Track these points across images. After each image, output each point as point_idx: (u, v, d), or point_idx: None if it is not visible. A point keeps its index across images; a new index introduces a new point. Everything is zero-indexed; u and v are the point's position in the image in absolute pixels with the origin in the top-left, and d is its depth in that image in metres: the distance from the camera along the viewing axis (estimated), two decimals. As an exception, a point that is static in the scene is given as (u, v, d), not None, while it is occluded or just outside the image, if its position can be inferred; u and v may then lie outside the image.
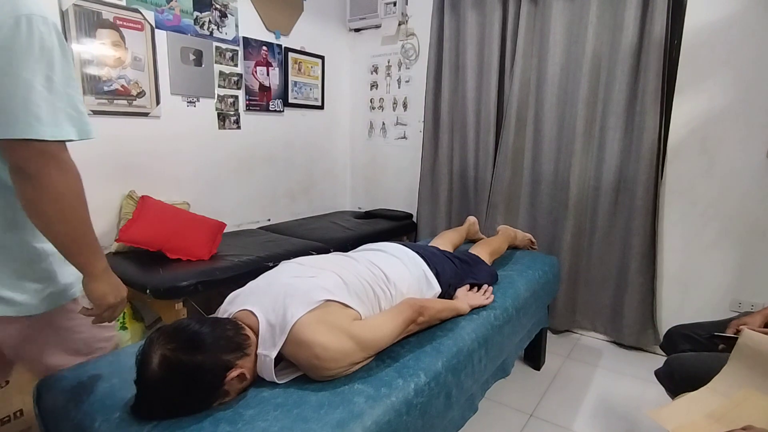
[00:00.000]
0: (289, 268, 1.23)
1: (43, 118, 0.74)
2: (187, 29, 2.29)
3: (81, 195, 0.85)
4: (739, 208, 2.00)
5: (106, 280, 0.89)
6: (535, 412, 1.78)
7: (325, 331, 0.97)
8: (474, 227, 2.15)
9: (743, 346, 1.13)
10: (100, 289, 0.89)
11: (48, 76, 0.75)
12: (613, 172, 2.23)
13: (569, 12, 2.27)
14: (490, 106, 2.55)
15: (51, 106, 0.75)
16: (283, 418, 0.87)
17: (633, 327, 2.25)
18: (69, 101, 0.79)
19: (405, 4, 2.94)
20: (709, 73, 1.99)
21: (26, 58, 0.72)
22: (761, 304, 1.93)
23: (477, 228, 2.17)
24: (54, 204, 0.79)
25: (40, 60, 0.74)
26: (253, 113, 2.70)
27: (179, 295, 1.77)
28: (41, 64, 0.74)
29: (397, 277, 1.31)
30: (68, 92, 0.78)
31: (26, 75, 0.72)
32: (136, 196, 2.14)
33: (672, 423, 1.03)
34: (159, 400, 0.86)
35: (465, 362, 1.20)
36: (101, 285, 0.88)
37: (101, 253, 0.88)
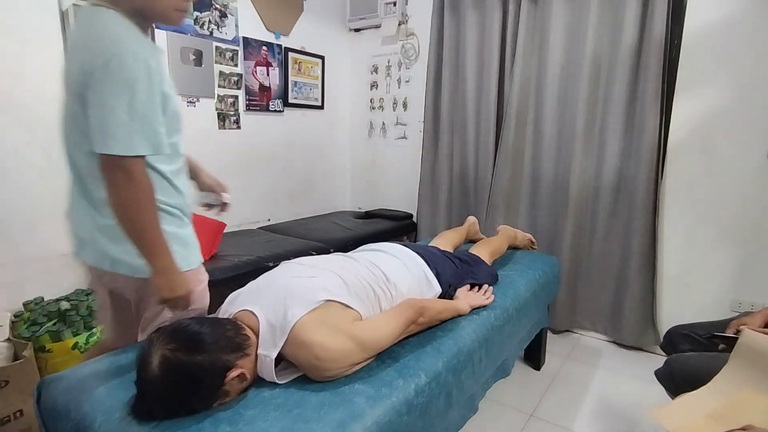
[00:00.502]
0: (289, 269, 1.23)
1: (119, 137, 0.91)
2: (186, 29, 2.29)
3: (145, 204, 0.97)
4: (739, 208, 2.00)
5: (165, 276, 1.01)
6: (535, 413, 1.78)
7: (325, 332, 0.97)
8: (474, 227, 2.15)
9: (743, 346, 1.13)
10: (156, 282, 1.01)
11: (129, 103, 0.91)
12: (613, 172, 2.23)
13: (569, 12, 2.27)
14: (490, 106, 2.55)
15: (127, 128, 0.92)
16: (283, 418, 0.87)
17: (633, 327, 2.25)
18: (146, 123, 0.95)
19: (405, 4, 2.94)
20: (709, 73, 1.99)
21: (112, 89, 0.90)
22: (761, 304, 1.93)
23: (477, 228, 2.18)
24: (121, 208, 0.96)
25: (124, 91, 0.91)
26: (253, 113, 2.70)
27: (179, 295, 1.77)
28: (125, 95, 0.91)
29: (398, 277, 1.31)
30: (147, 115, 0.94)
31: (111, 103, 0.90)
32: (136, 196, 2.13)
33: (672, 423, 1.03)
34: (159, 401, 0.86)
35: (465, 362, 1.20)
36: (158, 279, 1.00)
37: (162, 253, 1.00)
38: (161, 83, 1.00)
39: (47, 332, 1.65)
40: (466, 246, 1.98)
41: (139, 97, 0.92)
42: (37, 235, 1.87)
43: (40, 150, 1.84)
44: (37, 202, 1.85)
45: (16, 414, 1.49)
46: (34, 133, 1.82)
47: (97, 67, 0.90)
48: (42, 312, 1.74)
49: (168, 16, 1.05)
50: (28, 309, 1.78)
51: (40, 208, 1.87)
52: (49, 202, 1.89)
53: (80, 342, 1.67)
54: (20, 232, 1.82)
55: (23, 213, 1.82)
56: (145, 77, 0.93)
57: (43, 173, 1.86)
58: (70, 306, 1.78)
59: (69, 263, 1.98)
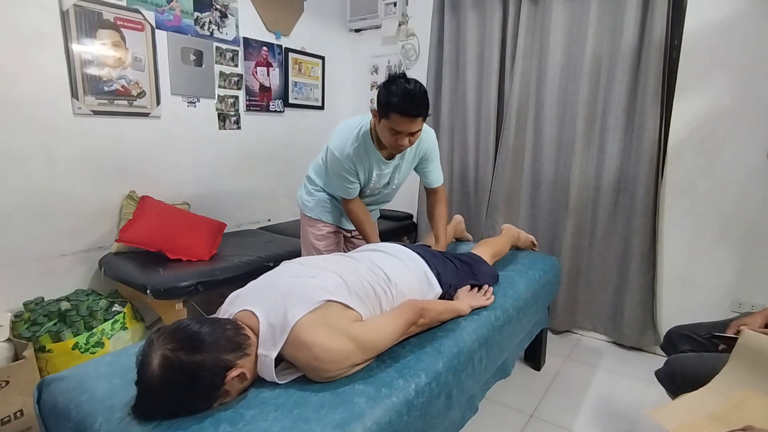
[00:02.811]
0: (289, 269, 1.23)
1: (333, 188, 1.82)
2: (187, 29, 2.29)
3: (354, 218, 1.79)
4: (740, 209, 2.00)
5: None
6: (535, 413, 1.78)
7: (325, 333, 0.97)
8: (460, 226, 2.18)
9: (743, 346, 1.13)
10: None
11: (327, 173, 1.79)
12: (614, 172, 2.23)
13: (569, 12, 2.27)
14: (491, 106, 2.55)
15: (329, 184, 1.83)
16: (283, 418, 0.87)
17: (633, 327, 2.25)
18: (339, 185, 1.73)
19: (405, 5, 2.94)
20: (709, 73, 1.99)
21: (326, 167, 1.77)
22: (761, 305, 1.93)
23: (463, 227, 2.22)
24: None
25: (327, 167, 1.77)
26: (253, 113, 2.70)
27: (179, 295, 1.77)
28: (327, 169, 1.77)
29: (398, 277, 1.31)
30: (332, 181, 1.77)
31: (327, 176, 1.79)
32: (136, 197, 2.14)
33: (672, 423, 1.02)
34: (160, 400, 0.86)
35: (465, 363, 1.20)
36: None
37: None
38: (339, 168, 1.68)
39: (47, 332, 1.65)
40: (467, 246, 1.98)
41: (329, 173, 1.78)
42: (37, 235, 1.87)
43: (40, 150, 1.84)
44: (38, 203, 1.85)
45: (17, 414, 1.49)
46: (34, 133, 1.82)
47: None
48: (42, 312, 1.74)
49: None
50: (28, 309, 1.78)
51: (41, 208, 1.87)
52: (50, 203, 1.89)
53: (80, 342, 1.67)
54: (20, 232, 1.82)
55: (23, 213, 1.82)
56: (330, 165, 1.72)
57: (44, 173, 1.86)
58: (70, 306, 1.78)
59: (69, 263, 1.99)
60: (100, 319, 1.77)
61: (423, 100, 1.44)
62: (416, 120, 1.45)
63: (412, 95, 1.41)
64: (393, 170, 1.77)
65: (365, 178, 1.73)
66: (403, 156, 1.72)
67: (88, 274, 2.06)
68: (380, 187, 1.80)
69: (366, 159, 1.66)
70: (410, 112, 1.42)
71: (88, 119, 1.97)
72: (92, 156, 2.01)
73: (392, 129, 1.47)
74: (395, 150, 1.58)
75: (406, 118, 1.43)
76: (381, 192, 1.85)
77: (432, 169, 1.81)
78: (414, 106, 1.42)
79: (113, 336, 1.76)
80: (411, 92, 1.41)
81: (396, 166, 1.75)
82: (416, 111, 1.43)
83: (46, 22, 1.81)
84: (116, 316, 1.80)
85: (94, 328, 1.72)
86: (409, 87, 1.42)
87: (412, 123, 1.45)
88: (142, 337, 1.89)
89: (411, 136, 1.50)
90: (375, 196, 1.88)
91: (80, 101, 1.93)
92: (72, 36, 1.87)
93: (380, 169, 1.72)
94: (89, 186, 2.01)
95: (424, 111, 1.46)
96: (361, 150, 1.64)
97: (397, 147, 1.54)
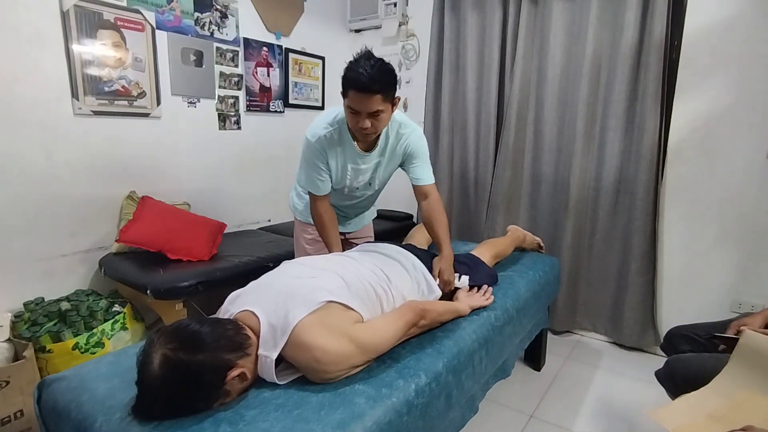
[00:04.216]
0: (290, 269, 1.23)
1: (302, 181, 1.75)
2: (187, 30, 2.30)
3: (318, 220, 1.63)
4: (740, 209, 2.00)
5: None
6: (535, 413, 1.78)
7: (325, 334, 0.97)
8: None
9: (744, 346, 1.13)
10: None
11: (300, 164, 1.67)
12: (614, 172, 2.23)
13: (569, 13, 2.27)
14: (491, 106, 2.55)
15: (301, 177, 1.74)
16: (283, 418, 0.87)
17: (633, 328, 2.25)
18: (308, 176, 1.59)
19: (405, 5, 2.94)
20: (709, 73, 1.99)
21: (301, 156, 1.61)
22: (761, 305, 1.93)
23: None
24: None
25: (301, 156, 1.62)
26: (253, 114, 2.70)
27: (179, 295, 1.78)
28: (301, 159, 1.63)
29: (398, 279, 1.31)
30: (303, 173, 1.65)
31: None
32: (136, 197, 2.14)
33: (672, 423, 1.02)
34: (160, 400, 0.86)
35: (466, 363, 1.20)
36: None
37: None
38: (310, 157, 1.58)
39: (47, 332, 1.65)
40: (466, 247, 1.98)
41: (301, 163, 1.69)
42: (37, 236, 1.87)
43: (41, 150, 1.84)
44: (38, 203, 1.85)
45: (17, 414, 1.49)
46: (35, 134, 1.82)
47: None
48: (42, 312, 1.74)
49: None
50: (28, 309, 1.78)
51: (41, 208, 1.87)
52: (50, 203, 1.89)
53: (81, 342, 1.67)
54: (20, 233, 1.82)
55: (23, 213, 1.82)
56: (303, 153, 1.60)
57: (44, 174, 1.86)
58: (71, 306, 1.78)
59: (69, 263, 1.99)
60: (101, 319, 1.77)
61: (383, 76, 1.32)
62: (374, 97, 1.31)
63: (370, 70, 1.30)
64: (374, 168, 1.63)
65: (339, 174, 1.59)
66: (383, 152, 1.59)
67: (88, 275, 2.06)
68: (359, 186, 1.66)
69: (340, 148, 1.54)
70: (367, 87, 1.30)
71: (89, 119, 1.97)
72: (92, 156, 2.01)
73: (350, 108, 1.36)
74: (360, 136, 1.46)
75: (362, 95, 1.31)
76: (362, 194, 1.71)
77: (418, 164, 1.63)
78: (371, 81, 1.29)
79: (113, 336, 1.76)
80: (369, 67, 1.30)
81: (377, 163, 1.62)
82: (374, 86, 1.30)
83: (47, 23, 1.81)
84: (116, 317, 1.80)
85: (95, 328, 1.72)
86: (369, 62, 1.31)
87: (370, 100, 1.32)
88: (142, 338, 1.89)
89: (373, 117, 1.36)
90: (356, 199, 1.74)
91: (80, 101, 1.93)
92: (72, 36, 1.87)
93: (356, 163, 1.57)
94: (89, 186, 2.01)
95: (384, 88, 1.32)
96: (335, 136, 1.52)
97: (360, 131, 1.41)
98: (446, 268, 1.47)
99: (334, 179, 1.60)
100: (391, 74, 1.35)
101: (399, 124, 1.58)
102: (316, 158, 1.53)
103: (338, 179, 1.60)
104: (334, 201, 1.70)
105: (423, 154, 1.65)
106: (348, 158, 1.56)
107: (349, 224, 1.89)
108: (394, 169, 1.70)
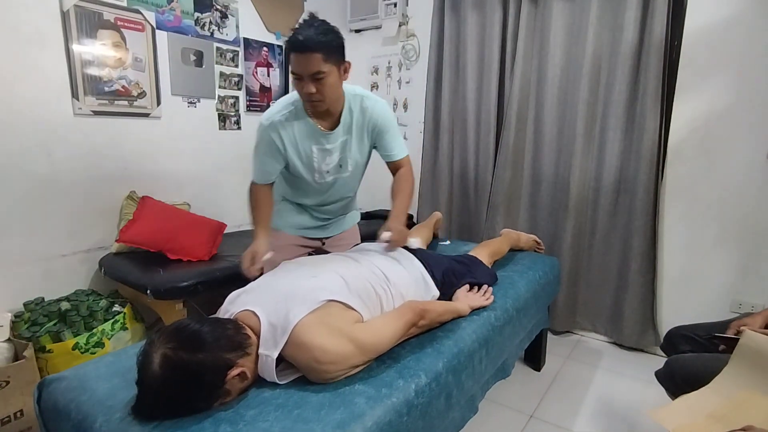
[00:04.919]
0: (290, 269, 1.23)
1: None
2: (187, 30, 2.30)
3: (253, 202, 1.63)
4: (740, 209, 2.00)
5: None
6: (535, 413, 1.78)
7: (325, 334, 0.97)
8: (439, 223, 2.21)
9: (744, 346, 1.13)
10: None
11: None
12: (614, 172, 2.23)
13: (569, 13, 2.27)
14: (491, 106, 2.55)
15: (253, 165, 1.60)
16: (283, 418, 0.87)
17: (633, 328, 2.25)
18: (257, 162, 1.57)
19: (405, 5, 2.94)
20: (709, 74, 1.99)
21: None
22: (761, 305, 1.93)
23: (440, 225, 2.26)
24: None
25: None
26: (253, 114, 2.70)
27: (179, 295, 1.78)
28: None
29: (397, 278, 1.31)
30: (255, 160, 1.58)
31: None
32: (136, 197, 2.14)
33: (672, 423, 1.02)
34: (160, 400, 0.86)
35: (465, 363, 1.20)
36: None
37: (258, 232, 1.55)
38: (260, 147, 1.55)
39: (47, 332, 1.65)
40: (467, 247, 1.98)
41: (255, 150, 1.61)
42: (37, 236, 1.87)
43: (41, 150, 1.84)
44: (38, 203, 1.86)
45: (17, 414, 1.49)
46: (35, 134, 1.82)
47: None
48: (42, 312, 1.74)
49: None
50: (28, 309, 1.78)
51: (41, 208, 1.87)
52: (50, 203, 1.89)
53: (80, 342, 1.67)
54: (21, 233, 1.82)
55: (23, 213, 1.82)
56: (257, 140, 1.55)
57: (44, 173, 1.86)
58: (71, 306, 1.78)
59: (69, 263, 1.99)
60: (101, 319, 1.77)
61: (320, 35, 1.25)
62: (312, 56, 1.24)
63: (307, 30, 1.24)
64: (342, 148, 1.50)
65: (304, 157, 1.48)
66: (349, 129, 1.48)
67: (88, 275, 2.07)
68: (330, 170, 1.52)
69: (298, 130, 1.44)
70: (304, 46, 1.23)
71: (89, 119, 1.97)
72: (92, 156, 2.01)
73: (294, 74, 1.30)
74: (310, 106, 1.37)
75: (300, 55, 1.24)
76: (335, 179, 1.56)
77: (388, 138, 1.53)
78: (307, 40, 1.23)
79: (113, 336, 1.76)
80: (308, 27, 1.25)
81: (344, 142, 1.49)
82: (311, 44, 1.23)
83: (47, 23, 1.81)
84: (116, 317, 1.80)
85: (95, 328, 1.72)
86: (307, 23, 1.27)
87: (308, 60, 1.24)
88: (142, 338, 1.89)
89: (316, 81, 1.28)
90: (331, 187, 1.59)
91: (81, 101, 1.93)
92: (72, 36, 1.87)
93: (320, 143, 1.46)
94: (89, 186, 2.02)
95: (322, 46, 1.25)
96: (291, 117, 1.42)
97: (308, 98, 1.32)
98: (396, 226, 1.42)
99: (301, 165, 1.50)
100: (330, 34, 1.29)
101: (362, 97, 1.48)
102: (267, 145, 1.47)
103: (306, 164, 1.50)
104: (310, 200, 1.62)
105: (392, 126, 1.54)
106: (311, 139, 1.46)
107: (328, 227, 1.74)
108: (368, 150, 1.59)
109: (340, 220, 1.77)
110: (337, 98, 1.39)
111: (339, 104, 1.43)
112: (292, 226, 1.69)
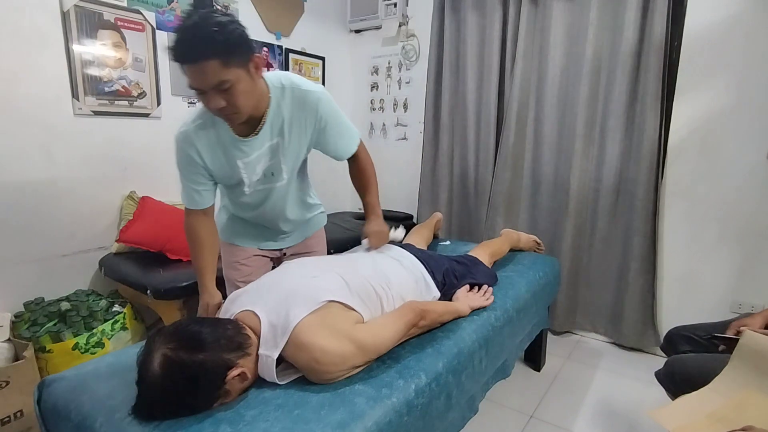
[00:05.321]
0: (290, 269, 1.23)
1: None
2: (187, 30, 2.29)
3: (190, 238, 1.33)
4: (740, 209, 2.00)
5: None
6: (535, 414, 1.78)
7: (326, 335, 0.97)
8: (439, 224, 2.21)
9: (744, 347, 1.13)
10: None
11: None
12: (614, 173, 2.23)
13: (569, 13, 2.27)
14: (491, 107, 2.55)
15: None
16: (284, 418, 0.87)
17: (633, 328, 2.25)
18: (184, 186, 1.33)
19: (405, 6, 2.94)
20: (710, 74, 1.99)
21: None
22: (761, 305, 1.93)
23: (441, 225, 2.25)
24: None
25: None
26: (253, 114, 2.70)
27: (180, 295, 1.77)
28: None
29: (397, 278, 1.31)
30: (180, 183, 1.33)
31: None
32: (136, 197, 2.14)
33: (672, 423, 1.03)
34: (160, 400, 0.86)
35: (465, 363, 1.20)
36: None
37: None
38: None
39: (47, 332, 1.65)
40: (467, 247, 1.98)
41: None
42: (37, 235, 1.87)
43: (41, 150, 1.84)
44: (38, 203, 1.85)
45: (17, 414, 1.49)
46: (35, 134, 1.82)
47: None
48: (42, 312, 1.74)
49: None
50: (28, 309, 1.78)
51: (41, 208, 1.87)
52: (50, 203, 1.89)
53: (81, 342, 1.67)
54: (20, 233, 1.82)
55: (23, 213, 1.82)
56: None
57: (44, 174, 1.86)
58: (71, 306, 1.78)
59: (69, 263, 1.99)
60: (101, 319, 1.77)
61: (207, 34, 0.96)
62: (206, 65, 0.97)
63: (189, 32, 0.97)
64: (270, 154, 1.24)
65: (229, 171, 1.24)
66: (280, 131, 1.22)
67: (88, 275, 2.06)
68: (259, 179, 1.28)
69: (217, 138, 1.20)
70: (192, 54, 0.97)
71: (89, 120, 1.97)
72: (92, 156, 2.01)
73: (192, 88, 1.03)
74: (225, 120, 1.12)
75: (192, 66, 0.99)
76: (271, 187, 1.31)
77: (333, 134, 1.29)
78: (192, 46, 0.97)
79: (113, 336, 1.76)
80: (189, 28, 0.98)
81: (272, 147, 1.23)
82: (201, 49, 0.97)
83: (47, 23, 1.81)
84: (116, 317, 1.80)
85: (95, 328, 1.72)
86: (187, 23, 0.98)
87: (203, 71, 0.98)
88: (142, 338, 1.89)
89: (223, 93, 1.02)
90: (269, 201, 1.34)
91: (81, 102, 1.93)
92: (72, 36, 1.87)
93: (244, 153, 1.21)
94: (89, 186, 2.01)
95: (215, 49, 0.97)
96: (207, 125, 1.18)
97: (219, 114, 1.09)
98: (373, 228, 1.44)
99: (225, 179, 1.28)
100: (221, 30, 0.98)
101: (291, 88, 1.20)
102: (188, 163, 1.23)
103: (231, 176, 1.26)
104: (251, 215, 1.40)
105: (335, 117, 1.28)
106: (233, 150, 1.21)
107: (286, 238, 1.51)
108: (306, 148, 1.32)
109: (299, 227, 1.52)
110: (256, 102, 1.14)
111: (262, 105, 1.17)
112: (246, 237, 1.46)
